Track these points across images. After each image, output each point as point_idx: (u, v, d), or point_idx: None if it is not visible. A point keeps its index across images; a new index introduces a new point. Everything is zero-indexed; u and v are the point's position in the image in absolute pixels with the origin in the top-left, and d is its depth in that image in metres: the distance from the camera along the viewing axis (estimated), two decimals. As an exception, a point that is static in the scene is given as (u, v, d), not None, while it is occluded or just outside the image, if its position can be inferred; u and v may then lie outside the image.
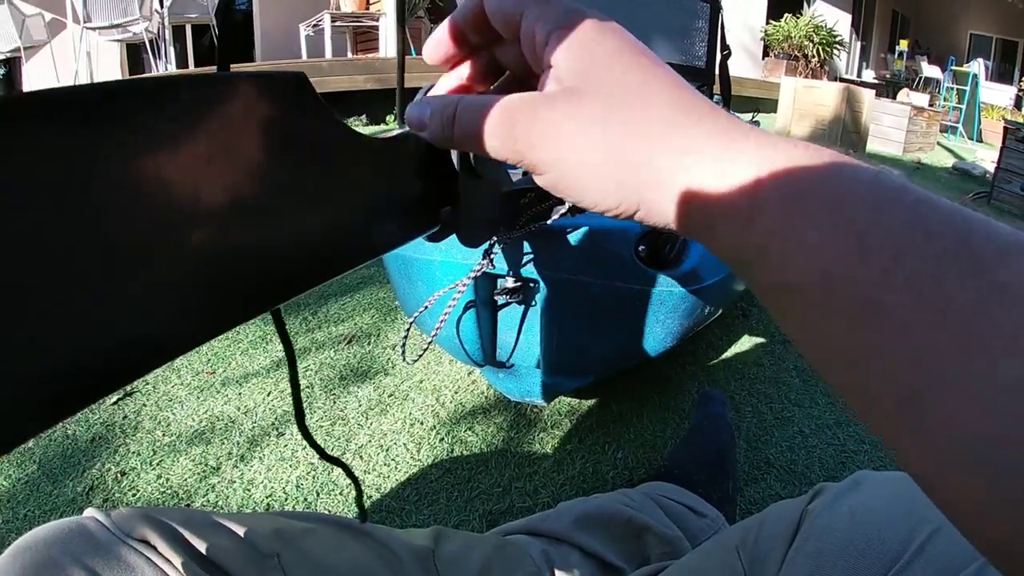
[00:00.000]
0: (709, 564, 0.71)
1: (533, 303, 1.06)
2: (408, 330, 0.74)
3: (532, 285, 1.04)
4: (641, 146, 0.31)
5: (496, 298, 1.08)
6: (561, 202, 0.72)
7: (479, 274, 0.77)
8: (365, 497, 1.28)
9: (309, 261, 0.33)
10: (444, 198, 0.45)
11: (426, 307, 0.76)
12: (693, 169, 0.30)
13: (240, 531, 0.65)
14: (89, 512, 0.60)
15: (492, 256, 0.75)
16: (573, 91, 0.33)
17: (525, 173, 0.67)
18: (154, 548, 0.58)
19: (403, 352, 0.73)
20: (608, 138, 0.31)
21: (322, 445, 1.36)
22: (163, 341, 0.25)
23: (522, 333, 1.13)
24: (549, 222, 0.73)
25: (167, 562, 0.57)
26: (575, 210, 0.79)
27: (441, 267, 1.05)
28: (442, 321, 0.74)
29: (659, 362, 1.79)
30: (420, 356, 0.71)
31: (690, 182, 0.30)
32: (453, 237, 0.49)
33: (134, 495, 1.27)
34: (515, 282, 1.01)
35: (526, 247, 0.97)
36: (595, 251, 0.99)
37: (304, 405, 1.54)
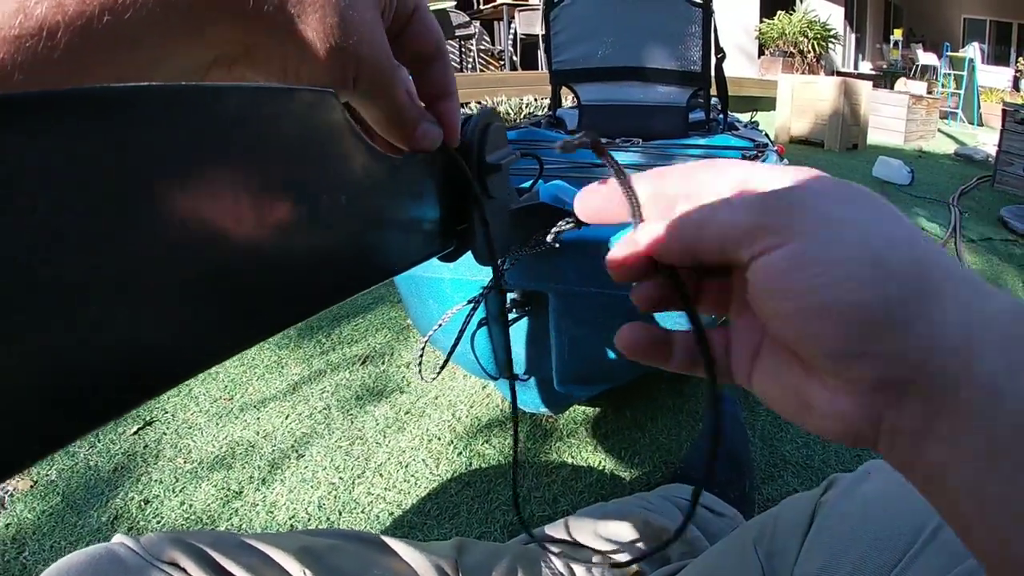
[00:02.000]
0: (727, 561, 0.72)
1: (543, 316, 1.07)
2: (423, 349, 0.76)
3: (542, 298, 1.05)
4: None
5: (507, 312, 1.09)
6: (567, 220, 0.73)
7: (491, 291, 0.78)
8: (386, 514, 1.30)
9: (333, 276, 0.33)
10: (458, 218, 0.47)
11: (440, 325, 0.78)
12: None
13: (267, 551, 0.66)
14: (118, 538, 0.62)
15: (503, 272, 0.77)
16: None
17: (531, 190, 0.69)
18: (184, 571, 0.60)
19: (419, 370, 0.75)
20: None
21: (341, 465, 1.39)
22: (181, 356, 0.25)
23: (534, 346, 1.14)
24: (553, 237, 0.75)
25: None
26: (579, 224, 0.80)
27: (451, 285, 1.07)
28: (458, 339, 0.76)
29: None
30: (438, 374, 0.73)
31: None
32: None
33: (158, 522, 1.29)
34: (524, 296, 1.03)
35: (535, 261, 0.98)
36: (601, 262, 1.00)
37: (322, 426, 1.57)
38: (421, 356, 0.77)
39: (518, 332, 1.14)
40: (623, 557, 0.90)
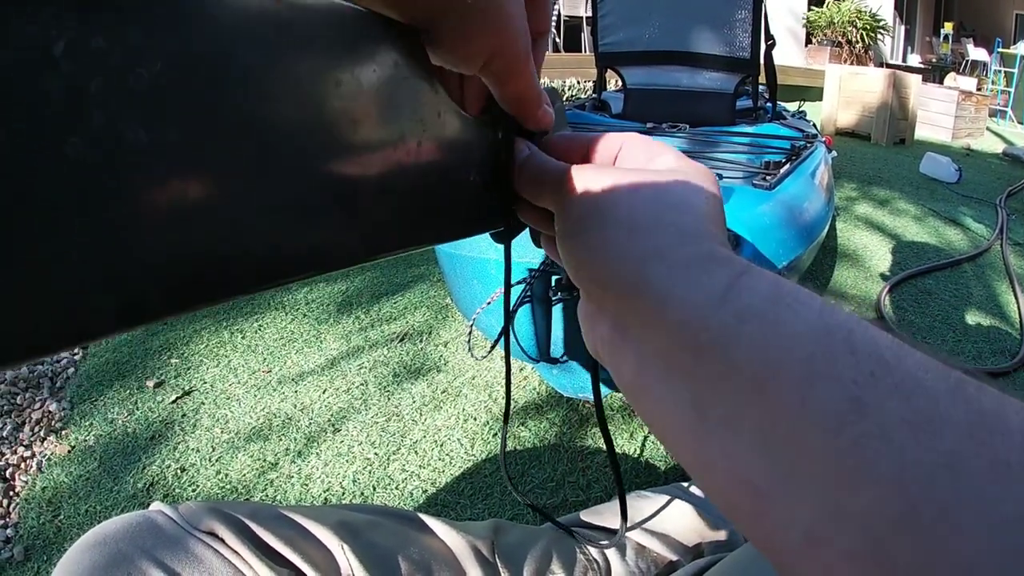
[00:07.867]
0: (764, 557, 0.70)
1: None
2: (471, 327, 0.75)
3: None
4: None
5: (551, 295, 1.08)
6: None
7: (541, 272, 0.77)
8: (420, 491, 1.30)
9: (403, 221, 0.33)
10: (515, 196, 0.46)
11: (488, 303, 0.77)
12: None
13: (306, 524, 0.66)
14: (156, 506, 0.61)
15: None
16: None
17: None
18: (222, 540, 0.59)
19: (469, 347, 0.74)
20: None
21: (377, 441, 1.39)
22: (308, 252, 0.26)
23: (576, 329, 1.13)
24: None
25: (235, 554, 0.58)
26: None
27: (496, 265, 1.06)
28: (508, 318, 0.75)
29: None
30: (489, 352, 0.72)
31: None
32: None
33: (194, 490, 1.30)
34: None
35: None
36: None
37: (359, 402, 1.57)
38: (470, 334, 0.76)
39: (560, 315, 1.13)
40: (658, 547, 0.89)
